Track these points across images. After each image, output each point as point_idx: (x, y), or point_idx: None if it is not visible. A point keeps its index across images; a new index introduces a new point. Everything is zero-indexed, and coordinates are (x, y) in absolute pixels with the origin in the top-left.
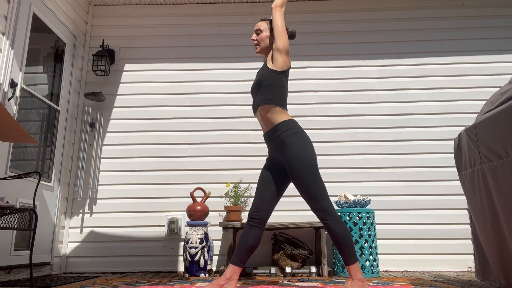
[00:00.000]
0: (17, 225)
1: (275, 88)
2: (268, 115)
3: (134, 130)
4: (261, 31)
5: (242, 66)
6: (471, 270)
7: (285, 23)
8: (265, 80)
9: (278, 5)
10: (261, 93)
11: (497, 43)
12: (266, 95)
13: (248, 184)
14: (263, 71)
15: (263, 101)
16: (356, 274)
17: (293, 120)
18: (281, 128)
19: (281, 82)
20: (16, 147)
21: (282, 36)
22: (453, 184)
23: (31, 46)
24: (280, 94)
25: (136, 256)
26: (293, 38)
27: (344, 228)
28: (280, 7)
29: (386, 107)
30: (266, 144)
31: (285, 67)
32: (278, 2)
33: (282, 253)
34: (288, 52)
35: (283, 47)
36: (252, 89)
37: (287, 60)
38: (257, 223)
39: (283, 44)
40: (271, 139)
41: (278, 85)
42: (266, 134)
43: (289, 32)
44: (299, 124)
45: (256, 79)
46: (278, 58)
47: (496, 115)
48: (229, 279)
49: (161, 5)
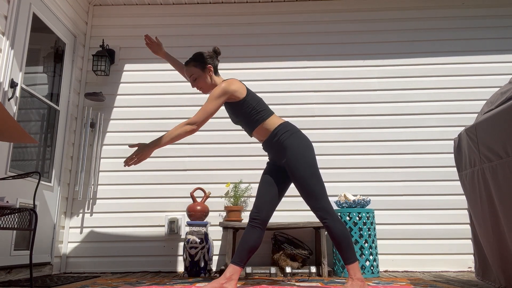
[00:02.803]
0: (17, 225)
1: (250, 111)
2: (262, 130)
3: (134, 130)
4: (195, 78)
5: (242, 66)
6: (471, 270)
7: (285, 23)
8: (237, 114)
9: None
10: (245, 123)
11: (497, 43)
12: (249, 121)
13: (248, 184)
14: (228, 108)
15: (252, 127)
16: (355, 273)
17: (287, 122)
18: (278, 132)
19: (248, 103)
20: (16, 147)
21: (211, 103)
22: (453, 184)
23: (31, 46)
24: (258, 109)
25: (136, 256)
26: (219, 54)
27: (343, 228)
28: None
29: (386, 107)
30: (266, 152)
31: (239, 96)
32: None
33: (282, 253)
34: (226, 93)
35: (216, 103)
36: (233, 122)
37: (232, 94)
38: (258, 224)
39: (214, 106)
40: (271, 145)
41: (249, 107)
42: (264, 143)
43: (214, 50)
44: (293, 124)
45: (229, 115)
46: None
47: (496, 115)
48: (229, 279)
49: (161, 5)
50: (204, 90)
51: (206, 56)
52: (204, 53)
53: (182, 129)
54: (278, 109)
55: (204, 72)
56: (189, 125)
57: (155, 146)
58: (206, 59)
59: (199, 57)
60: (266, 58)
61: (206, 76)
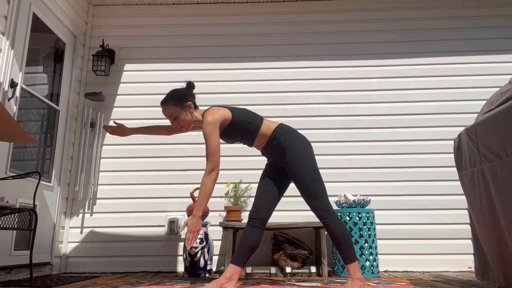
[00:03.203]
0: (17, 225)
1: (243, 125)
2: (260, 138)
3: None
4: (176, 117)
5: (242, 66)
6: (471, 270)
7: (285, 23)
8: (232, 136)
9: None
10: (243, 138)
11: (497, 43)
12: (246, 134)
13: (248, 184)
14: (222, 136)
15: (251, 139)
16: (355, 273)
17: (281, 124)
18: (276, 135)
19: (239, 119)
20: (16, 147)
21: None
22: (453, 184)
23: (31, 46)
24: (249, 120)
25: (136, 256)
26: (194, 88)
27: (343, 227)
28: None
29: (386, 107)
30: (266, 157)
31: (228, 118)
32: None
33: (282, 253)
34: (216, 123)
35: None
36: (229, 143)
37: (222, 120)
38: (257, 224)
39: (215, 140)
40: (270, 149)
41: (241, 123)
42: (263, 148)
43: (189, 86)
44: (288, 125)
45: (223, 140)
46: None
47: (496, 115)
48: (229, 279)
49: (161, 5)
50: (186, 128)
51: (184, 93)
52: (181, 90)
53: (209, 182)
54: (278, 109)
55: (184, 109)
56: (211, 173)
57: (199, 212)
58: (185, 96)
59: (177, 95)
60: (266, 58)
61: (187, 113)
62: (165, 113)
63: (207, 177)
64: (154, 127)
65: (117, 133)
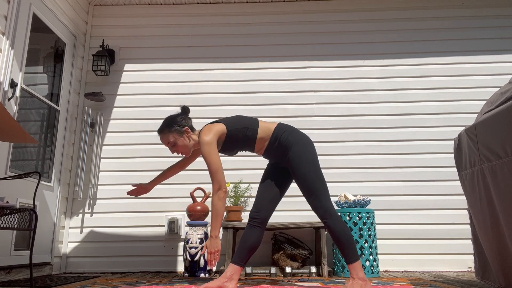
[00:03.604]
0: (17, 225)
1: (240, 134)
2: (261, 141)
3: (134, 130)
4: (174, 143)
5: (242, 66)
6: (471, 270)
7: (285, 23)
8: (232, 148)
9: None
10: (244, 146)
11: (497, 43)
12: (246, 141)
13: (248, 184)
14: (222, 150)
15: (252, 144)
16: (357, 273)
17: (280, 123)
18: (276, 136)
19: (235, 129)
20: (16, 147)
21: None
22: (453, 184)
23: (31, 46)
24: (245, 126)
25: (136, 256)
26: (189, 112)
27: (344, 226)
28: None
29: (386, 107)
30: (268, 159)
31: (224, 132)
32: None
33: (282, 253)
34: (213, 141)
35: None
36: (231, 155)
37: (219, 135)
38: (257, 223)
39: (216, 159)
40: (272, 150)
41: (237, 132)
42: (265, 152)
43: (184, 110)
44: (287, 124)
45: (225, 153)
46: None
47: (496, 115)
48: (230, 278)
49: (161, 5)
50: (186, 154)
51: (180, 120)
52: (177, 117)
53: (218, 202)
54: (278, 109)
55: (182, 135)
56: (218, 192)
57: (215, 232)
58: (181, 122)
59: (173, 122)
60: (266, 58)
61: (185, 139)
62: (163, 141)
63: (215, 197)
64: (168, 170)
65: (141, 193)
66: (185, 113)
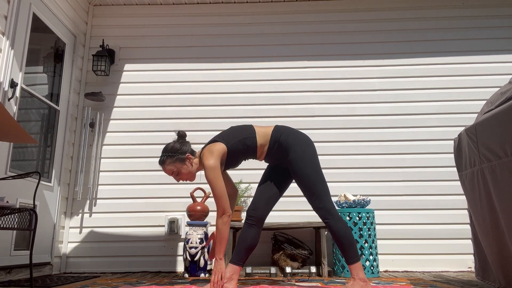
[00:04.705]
0: (17, 225)
1: (240, 146)
2: (261, 148)
3: (134, 130)
4: (178, 172)
5: (242, 66)
6: (471, 270)
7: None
8: (235, 162)
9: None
10: (246, 155)
11: (497, 43)
12: (247, 151)
13: (248, 184)
14: (226, 167)
15: (253, 152)
16: (358, 273)
17: (276, 126)
18: (275, 139)
19: (234, 144)
20: (16, 147)
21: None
22: (453, 184)
23: (31, 46)
24: (243, 137)
25: (136, 256)
26: (186, 136)
27: (345, 227)
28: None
29: (387, 107)
30: (270, 163)
31: (225, 150)
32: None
33: (282, 253)
34: (216, 165)
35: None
36: (236, 166)
37: (221, 156)
38: (253, 222)
39: (219, 182)
40: (273, 154)
41: (237, 144)
42: (266, 156)
43: (180, 136)
44: (284, 125)
45: (230, 168)
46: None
47: (496, 115)
48: (230, 279)
49: (161, 5)
50: (191, 179)
51: (180, 147)
52: (175, 146)
53: (222, 226)
54: (279, 109)
55: (185, 163)
56: (222, 217)
57: (220, 255)
58: (181, 149)
59: (174, 152)
60: (266, 58)
61: (188, 165)
62: (166, 172)
63: (220, 221)
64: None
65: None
66: (182, 137)
